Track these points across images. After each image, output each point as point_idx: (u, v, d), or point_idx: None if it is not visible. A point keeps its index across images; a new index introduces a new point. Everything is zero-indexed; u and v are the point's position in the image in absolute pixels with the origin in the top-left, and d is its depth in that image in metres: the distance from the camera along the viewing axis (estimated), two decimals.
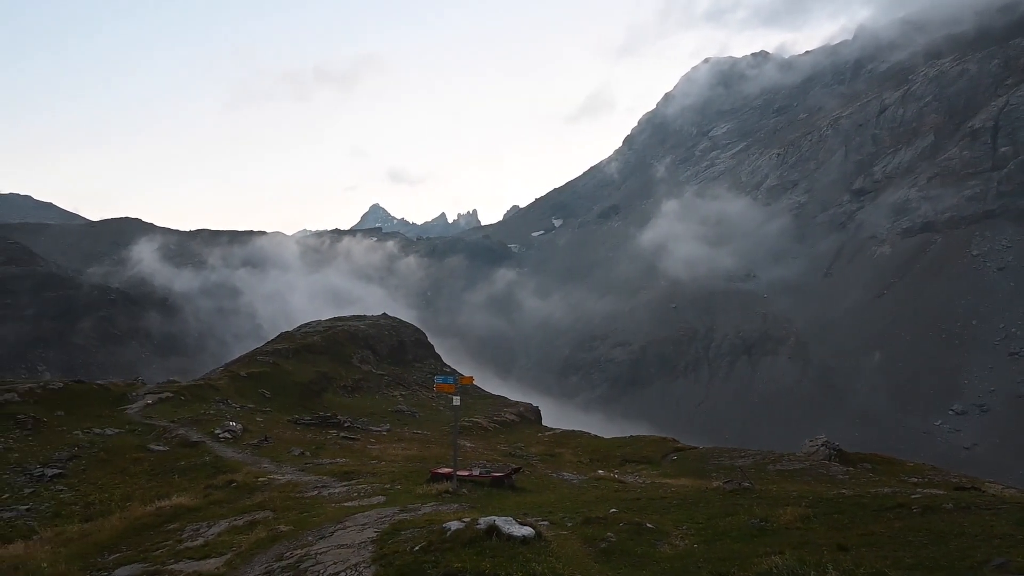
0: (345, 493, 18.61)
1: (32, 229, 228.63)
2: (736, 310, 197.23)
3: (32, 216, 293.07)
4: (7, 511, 19.92)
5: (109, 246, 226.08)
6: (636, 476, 30.45)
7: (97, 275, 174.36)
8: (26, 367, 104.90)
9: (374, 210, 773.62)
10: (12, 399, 33.73)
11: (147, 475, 24.56)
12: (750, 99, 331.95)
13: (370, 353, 66.37)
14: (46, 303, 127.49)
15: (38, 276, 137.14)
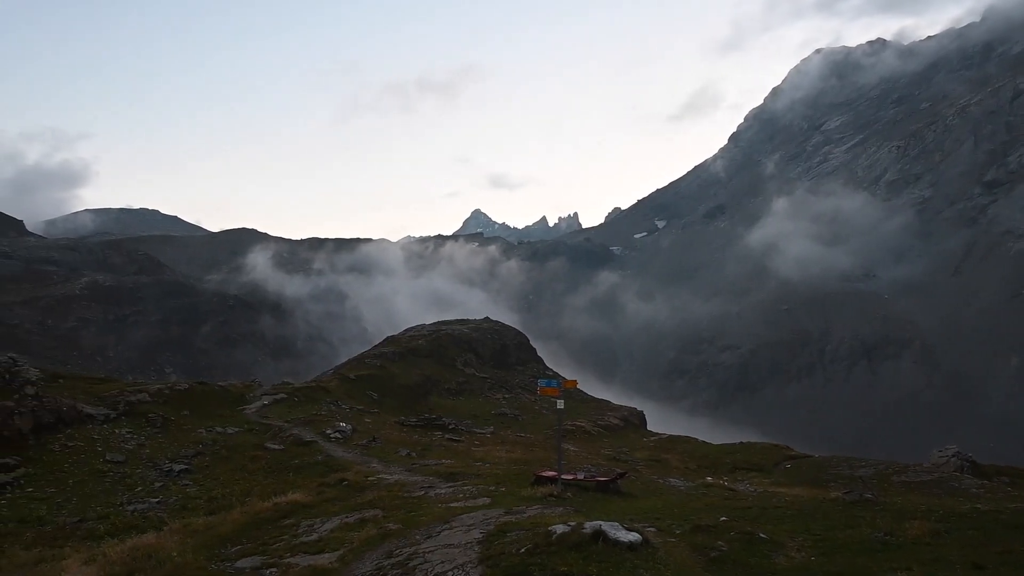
0: (451, 494, 18.95)
1: (159, 241, 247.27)
2: (853, 312, 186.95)
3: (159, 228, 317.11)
4: (140, 503, 21.56)
5: (227, 255, 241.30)
6: (747, 484, 29.41)
7: (216, 282, 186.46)
8: (155, 369, 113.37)
9: (476, 215, 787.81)
10: (144, 399, 36.43)
11: (264, 472, 25.94)
12: (866, 90, 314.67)
13: (473, 356, 67.45)
14: (171, 309, 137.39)
15: (164, 284, 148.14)
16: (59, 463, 25.52)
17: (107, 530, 17.19)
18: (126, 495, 22.53)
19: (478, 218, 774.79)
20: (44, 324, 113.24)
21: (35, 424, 28.38)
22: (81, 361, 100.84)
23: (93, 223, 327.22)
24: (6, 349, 70.10)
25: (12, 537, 16.37)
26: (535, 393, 59.83)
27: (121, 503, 21.41)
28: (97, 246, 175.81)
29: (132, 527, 17.50)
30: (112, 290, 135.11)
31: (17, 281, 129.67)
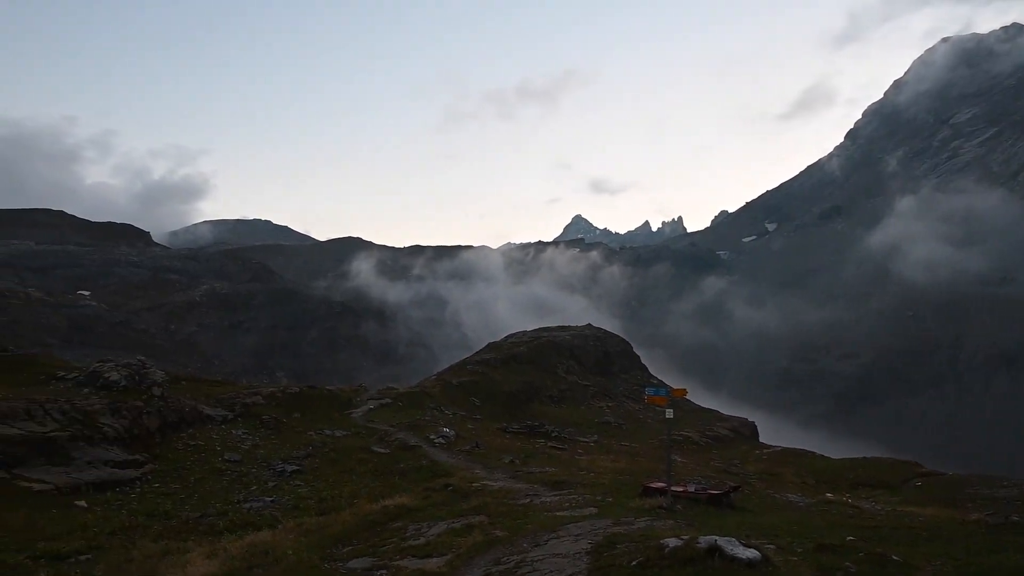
0: (557, 502, 18.82)
1: (271, 250, 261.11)
2: (991, 318, 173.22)
3: (271, 238, 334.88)
4: (256, 501, 22.62)
5: (333, 263, 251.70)
6: (871, 502, 27.72)
7: (322, 289, 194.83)
8: (267, 372, 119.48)
9: (576, 221, 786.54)
10: (258, 401, 38.44)
11: (371, 475, 26.70)
12: (1001, 79, 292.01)
13: (575, 363, 67.14)
14: (281, 315, 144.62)
15: (275, 291, 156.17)
16: (182, 461, 27.22)
17: (226, 526, 18.11)
18: (242, 493, 23.72)
19: (579, 224, 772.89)
20: (167, 329, 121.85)
21: (161, 423, 30.42)
22: (200, 364, 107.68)
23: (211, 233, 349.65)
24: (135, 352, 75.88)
25: (142, 530, 17.52)
26: (639, 401, 58.81)
27: (238, 501, 22.54)
28: (215, 255, 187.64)
29: (249, 524, 18.36)
30: (228, 297, 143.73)
31: (145, 288, 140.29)
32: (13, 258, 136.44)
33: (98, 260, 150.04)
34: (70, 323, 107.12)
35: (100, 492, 21.71)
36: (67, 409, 26.58)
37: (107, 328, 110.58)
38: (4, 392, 26.64)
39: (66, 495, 20.84)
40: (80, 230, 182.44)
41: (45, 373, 32.31)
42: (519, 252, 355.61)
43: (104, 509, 19.88)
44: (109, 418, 27.80)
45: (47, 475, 21.74)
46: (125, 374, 32.11)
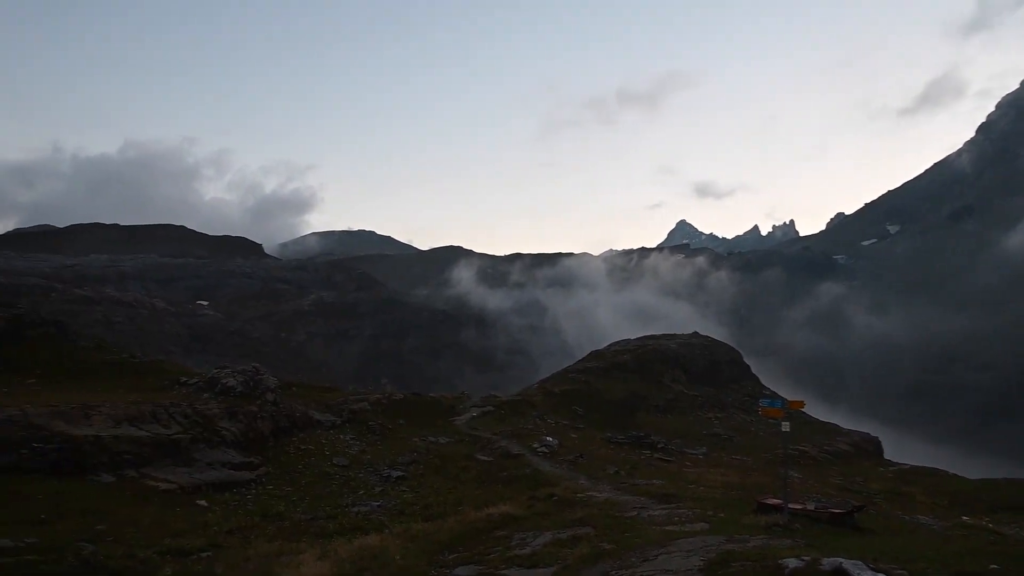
0: (665, 516, 18.36)
1: (375, 260, 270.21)
2: None
3: (375, 248, 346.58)
4: (363, 506, 23.33)
5: (435, 271, 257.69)
6: (1015, 527, 25.51)
7: (424, 297, 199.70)
8: (372, 379, 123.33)
9: (681, 226, 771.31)
10: (364, 407, 39.68)
11: (475, 482, 26.98)
12: None
13: (681, 373, 65.63)
14: (385, 323, 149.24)
15: (379, 300, 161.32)
16: (293, 464, 28.43)
17: (336, 529, 18.74)
18: (350, 497, 24.52)
19: (683, 229, 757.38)
20: (278, 337, 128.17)
21: (274, 428, 31.91)
22: (309, 371, 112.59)
23: (319, 244, 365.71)
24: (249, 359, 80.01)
25: (257, 530, 18.40)
26: (751, 413, 56.75)
27: (346, 504, 23.32)
28: (322, 266, 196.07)
29: (357, 528, 18.92)
30: (335, 306, 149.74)
31: (257, 298, 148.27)
32: (141, 271, 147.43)
33: (215, 272, 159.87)
34: (190, 332, 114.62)
35: (219, 492, 22.96)
36: (189, 413, 28.33)
37: (224, 336, 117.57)
38: (133, 397, 28.67)
39: (188, 494, 22.17)
40: (199, 243, 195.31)
41: (169, 379, 34.54)
42: (621, 258, 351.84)
43: (223, 509, 21.01)
44: (227, 422, 29.43)
45: (172, 475, 23.21)
46: (241, 380, 33.89)
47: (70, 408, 24.26)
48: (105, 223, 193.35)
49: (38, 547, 14.24)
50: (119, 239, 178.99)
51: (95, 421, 24.23)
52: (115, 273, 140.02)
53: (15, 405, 23.31)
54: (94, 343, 41.67)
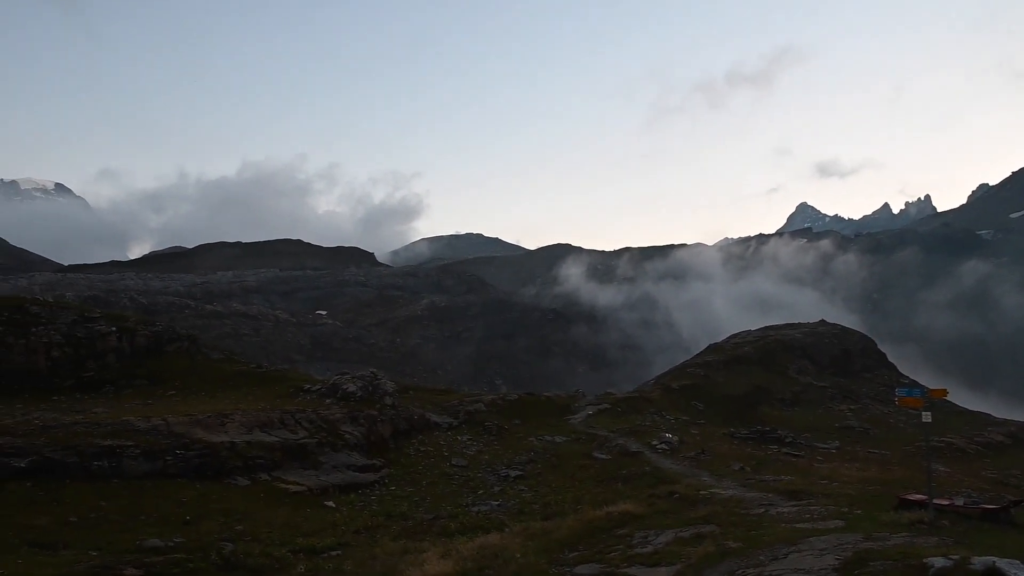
0: (795, 513, 17.69)
1: (483, 262, 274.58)
2: None
3: (483, 251, 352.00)
4: (483, 505, 23.83)
5: (543, 270, 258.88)
6: None
7: (533, 296, 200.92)
8: (486, 381, 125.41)
9: (801, 209, 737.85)
10: (480, 409, 40.55)
11: (593, 481, 26.98)
12: None
13: (808, 363, 62.91)
14: (496, 324, 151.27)
15: (489, 302, 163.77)
16: (414, 465, 29.43)
17: (457, 528, 19.26)
18: (470, 497, 25.12)
19: (804, 212, 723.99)
20: (393, 342, 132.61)
21: (394, 430, 33.15)
22: (424, 374, 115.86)
23: (429, 250, 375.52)
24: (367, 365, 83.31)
25: (383, 529, 19.20)
26: (888, 404, 53.59)
27: (466, 504, 23.91)
28: (432, 271, 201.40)
29: (478, 527, 19.36)
30: (446, 310, 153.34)
31: (372, 305, 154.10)
32: (262, 284, 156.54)
33: (332, 282, 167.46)
34: (312, 340, 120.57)
35: (345, 493, 24.10)
36: (314, 419, 29.89)
37: (342, 343, 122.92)
38: (262, 404, 30.56)
39: (317, 496, 23.41)
40: (315, 255, 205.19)
41: (293, 386, 36.53)
42: (738, 247, 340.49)
43: (349, 509, 22.04)
44: (349, 426, 30.83)
45: (301, 477, 24.58)
46: (360, 385, 35.42)
47: (207, 417, 26.18)
48: (229, 241, 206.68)
49: (185, 546, 15.48)
50: (242, 255, 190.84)
51: (230, 428, 26.03)
52: (240, 288, 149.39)
53: (159, 415, 25.40)
54: (225, 355, 44.68)
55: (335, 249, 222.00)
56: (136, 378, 36.16)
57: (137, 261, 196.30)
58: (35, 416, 25.46)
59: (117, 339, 38.16)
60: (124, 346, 38.40)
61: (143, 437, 22.81)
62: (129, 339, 38.83)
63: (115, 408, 28.72)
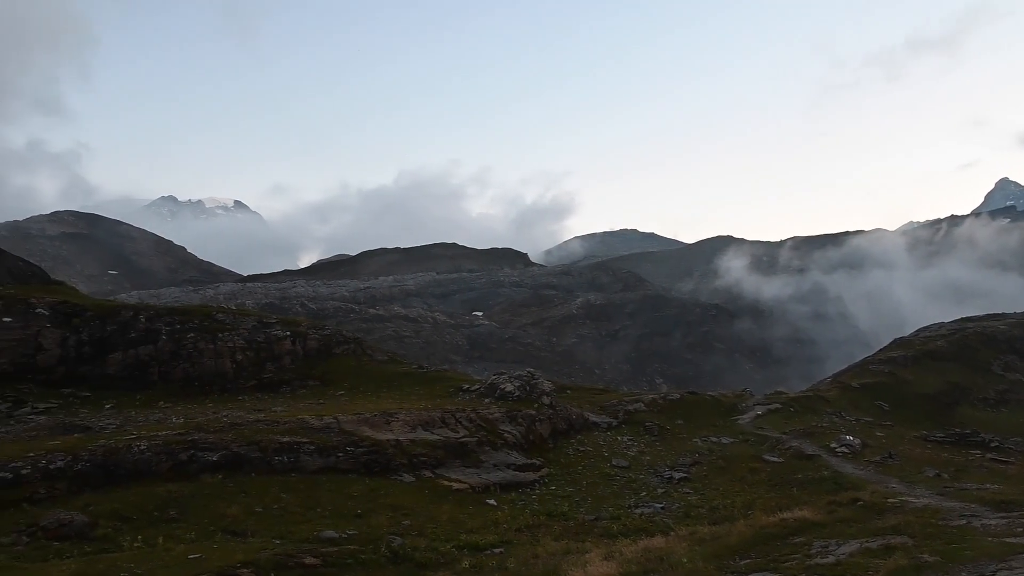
0: (1004, 527, 15.95)
1: (639, 258, 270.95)
2: None
3: (639, 246, 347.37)
4: (646, 507, 23.50)
5: (702, 264, 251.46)
6: None
7: (692, 291, 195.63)
8: (645, 380, 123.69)
9: (1002, 186, 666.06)
10: (640, 408, 40.08)
11: (765, 485, 25.85)
12: None
13: (1017, 359, 56.93)
14: (654, 321, 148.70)
15: (646, 299, 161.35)
16: (573, 465, 29.57)
17: (619, 530, 19.11)
18: (632, 499, 24.86)
19: (1006, 188, 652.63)
20: (549, 342, 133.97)
21: (552, 430, 33.49)
22: (581, 374, 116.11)
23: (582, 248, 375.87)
24: (523, 365, 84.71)
25: (544, 528, 19.42)
26: None
27: (629, 505, 23.68)
28: (587, 269, 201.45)
29: (641, 529, 19.11)
30: (602, 308, 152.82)
31: (527, 305, 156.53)
32: (421, 288, 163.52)
33: (487, 283, 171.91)
34: (469, 341, 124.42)
35: (505, 492, 24.65)
36: (473, 418, 30.81)
37: (499, 344, 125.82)
38: (424, 404, 31.90)
39: (478, 493, 24.10)
40: (470, 258, 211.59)
41: (453, 386, 37.92)
42: (925, 230, 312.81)
43: (510, 508, 22.50)
44: (507, 425, 31.51)
45: (462, 475, 25.42)
46: (518, 385, 36.09)
47: (373, 416, 27.73)
48: (388, 247, 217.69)
49: (357, 538, 16.46)
50: (401, 260, 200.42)
51: (395, 427, 27.41)
52: (400, 292, 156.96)
53: (330, 414, 27.22)
54: (388, 356, 47.13)
55: (489, 251, 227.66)
56: (309, 379, 39.06)
57: (306, 269, 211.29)
58: (223, 414, 28.12)
59: (291, 343, 41.42)
60: (298, 349, 41.58)
61: (317, 434, 24.52)
62: (302, 342, 42.02)
63: (291, 407, 31.14)
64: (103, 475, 19.79)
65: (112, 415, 29.62)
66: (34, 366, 34.74)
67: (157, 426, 24.94)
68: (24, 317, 35.66)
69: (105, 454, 20.41)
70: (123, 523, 16.96)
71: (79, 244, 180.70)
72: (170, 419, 27.73)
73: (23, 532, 15.81)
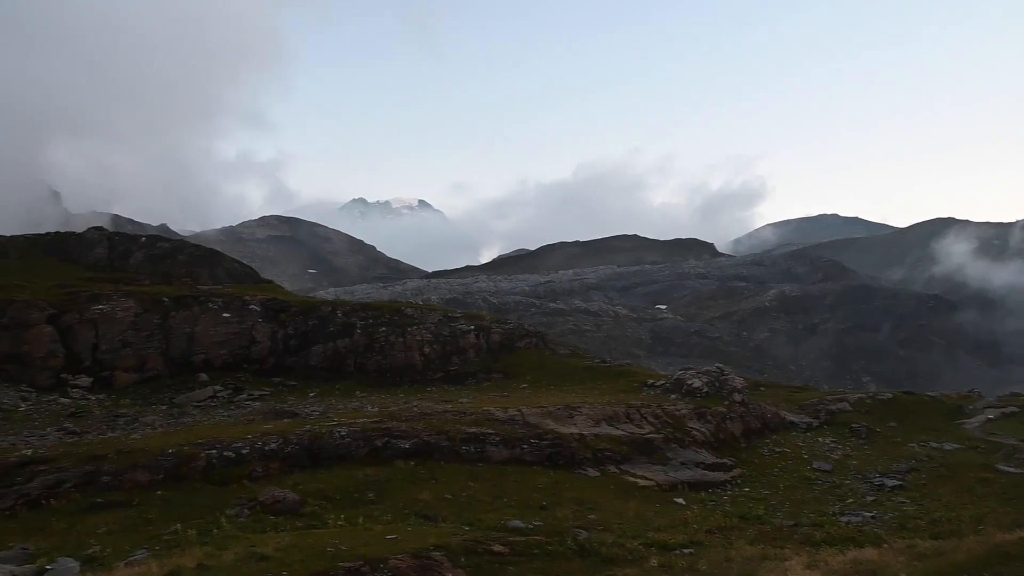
0: None
1: (841, 245, 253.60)
2: None
3: (840, 233, 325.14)
4: (853, 516, 21.98)
5: (916, 250, 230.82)
6: None
7: (904, 280, 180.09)
8: (849, 377, 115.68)
9: None
10: (844, 408, 37.69)
11: (998, 498, 23.36)
12: None
13: None
14: (859, 314, 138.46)
15: (850, 289, 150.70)
16: (768, 467, 28.32)
17: (823, 538, 18.04)
18: (837, 505, 23.39)
19: None
20: (739, 336, 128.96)
21: (744, 429, 32.28)
22: (774, 370, 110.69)
23: (774, 236, 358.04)
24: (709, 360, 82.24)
25: (737, 531, 18.73)
26: None
27: (833, 513, 22.29)
28: (780, 258, 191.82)
29: (848, 539, 17.93)
30: (798, 300, 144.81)
31: (714, 298, 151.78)
32: (602, 281, 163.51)
33: (670, 275, 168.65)
34: (652, 335, 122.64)
35: (694, 491, 24.10)
36: (659, 414, 30.44)
37: (683, 338, 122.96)
38: (607, 399, 31.94)
39: (665, 491, 23.78)
40: (652, 249, 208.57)
41: (637, 381, 37.67)
42: None
43: (700, 508, 21.97)
44: (696, 422, 30.82)
45: (648, 472, 25.20)
46: (706, 381, 35.18)
47: (556, 409, 28.21)
48: (568, 241, 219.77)
49: (543, 529, 16.78)
50: (581, 254, 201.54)
51: (578, 421, 27.71)
52: (580, 285, 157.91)
53: (514, 407, 28.04)
54: (570, 350, 47.67)
55: (672, 242, 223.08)
56: (493, 372, 40.49)
57: (487, 265, 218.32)
58: (414, 404, 29.83)
59: (476, 337, 43.19)
60: (482, 343, 43.24)
61: (502, 426, 25.34)
62: (485, 336, 43.68)
63: (476, 399, 32.39)
64: (309, 457, 21.81)
65: (316, 403, 32.36)
66: (248, 357, 38.94)
67: (355, 414, 26.90)
68: (240, 313, 40.01)
69: (311, 438, 22.43)
70: (327, 502, 18.52)
71: (283, 245, 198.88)
72: (366, 408, 29.79)
73: (244, 505, 17.90)
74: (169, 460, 19.93)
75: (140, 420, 28.57)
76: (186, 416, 29.87)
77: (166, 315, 37.99)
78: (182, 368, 36.93)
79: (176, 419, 29.03)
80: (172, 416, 29.76)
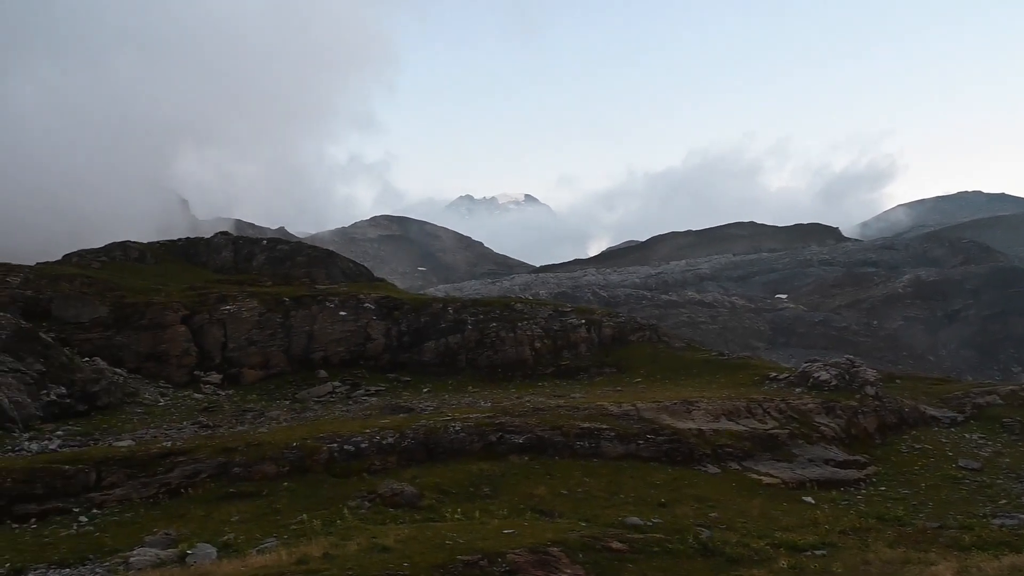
0: None
1: (985, 224, 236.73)
2: None
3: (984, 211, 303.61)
4: (1008, 518, 20.47)
5: None
6: None
7: None
8: (998, 368, 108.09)
9: None
10: (994, 401, 35.31)
11: None
12: None
13: None
14: (1007, 298, 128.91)
15: (995, 272, 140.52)
16: (907, 465, 26.85)
17: (972, 542, 16.90)
18: (988, 507, 21.94)
19: None
20: (869, 325, 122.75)
21: (879, 424, 30.72)
22: (911, 361, 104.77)
23: (907, 217, 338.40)
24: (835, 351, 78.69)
25: (874, 532, 17.81)
26: None
27: (983, 515, 20.89)
28: (914, 241, 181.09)
29: (1002, 543, 16.73)
30: (936, 285, 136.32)
31: (840, 285, 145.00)
32: (716, 271, 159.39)
33: (790, 263, 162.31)
34: (772, 326, 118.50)
35: (824, 490, 23.13)
36: (783, 408, 29.37)
37: (807, 328, 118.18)
38: (726, 393, 31.11)
39: (792, 490, 22.93)
40: (770, 236, 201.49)
41: (758, 374, 36.51)
42: None
43: (831, 507, 21.05)
44: (824, 417, 29.57)
45: (772, 469, 24.36)
46: (835, 373, 33.69)
47: (673, 404, 27.70)
48: (679, 231, 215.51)
49: (662, 527, 16.53)
50: (693, 244, 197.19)
51: (696, 416, 27.11)
52: (693, 276, 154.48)
53: (628, 401, 27.72)
54: (685, 343, 46.74)
55: (792, 228, 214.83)
56: (605, 366, 40.22)
57: (596, 257, 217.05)
58: (526, 399, 30.03)
59: (587, 331, 43.03)
60: (593, 337, 43.03)
61: (616, 421, 25.10)
62: (596, 330, 43.44)
63: (589, 394, 32.27)
64: (424, 452, 22.37)
65: (429, 398, 33.14)
66: (364, 353, 40.33)
67: (468, 409, 27.35)
68: (356, 311, 41.48)
69: (426, 433, 22.99)
70: (444, 496, 18.95)
71: (394, 244, 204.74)
72: (479, 403, 30.24)
73: (365, 498, 18.61)
74: (294, 453, 20.89)
75: (266, 415, 30.09)
76: (308, 411, 31.25)
77: (287, 314, 39.83)
78: (303, 365, 38.67)
79: (299, 414, 30.42)
80: (295, 411, 31.20)
